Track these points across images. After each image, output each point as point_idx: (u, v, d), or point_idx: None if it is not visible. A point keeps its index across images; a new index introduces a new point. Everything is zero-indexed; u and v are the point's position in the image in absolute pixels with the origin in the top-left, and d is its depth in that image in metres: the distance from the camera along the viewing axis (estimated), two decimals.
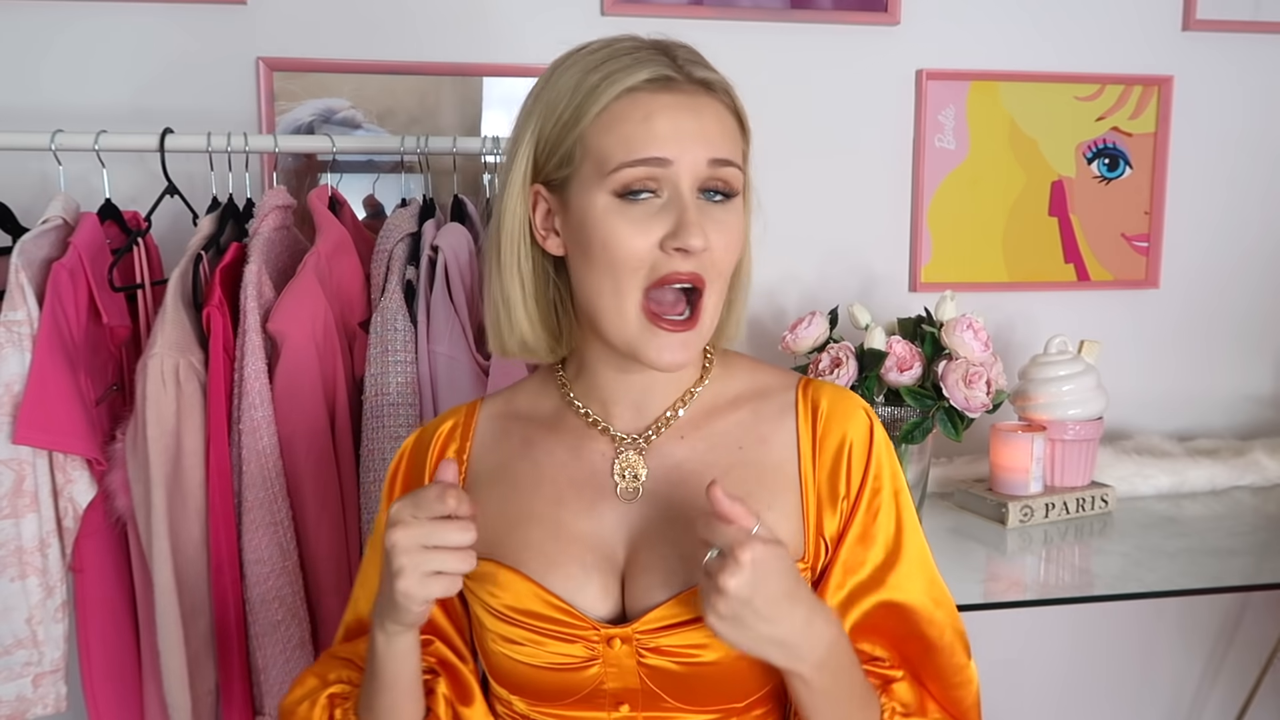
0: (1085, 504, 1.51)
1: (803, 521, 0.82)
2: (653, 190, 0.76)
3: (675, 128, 0.75)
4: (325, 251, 1.30)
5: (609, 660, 0.79)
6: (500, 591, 0.81)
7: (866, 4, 1.66)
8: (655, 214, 0.76)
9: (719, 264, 0.78)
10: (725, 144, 0.78)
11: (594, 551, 0.82)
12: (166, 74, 1.51)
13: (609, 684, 0.80)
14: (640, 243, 0.75)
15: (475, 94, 1.59)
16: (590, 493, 0.84)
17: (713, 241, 0.76)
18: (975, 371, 1.37)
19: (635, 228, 0.75)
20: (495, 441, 0.89)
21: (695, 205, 0.76)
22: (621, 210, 0.76)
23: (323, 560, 1.28)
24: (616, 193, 0.76)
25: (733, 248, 0.79)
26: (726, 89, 0.80)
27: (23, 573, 1.19)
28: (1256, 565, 1.34)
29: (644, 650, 0.78)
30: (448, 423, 0.91)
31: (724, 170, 0.77)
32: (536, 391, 0.91)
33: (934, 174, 1.72)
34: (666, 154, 0.75)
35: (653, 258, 0.76)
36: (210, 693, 1.25)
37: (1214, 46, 1.77)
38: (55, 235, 1.25)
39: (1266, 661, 1.82)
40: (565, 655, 0.80)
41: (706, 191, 0.77)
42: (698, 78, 0.78)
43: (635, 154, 0.75)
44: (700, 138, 0.76)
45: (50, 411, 1.17)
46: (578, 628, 0.79)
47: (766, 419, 0.86)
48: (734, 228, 0.79)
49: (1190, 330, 1.85)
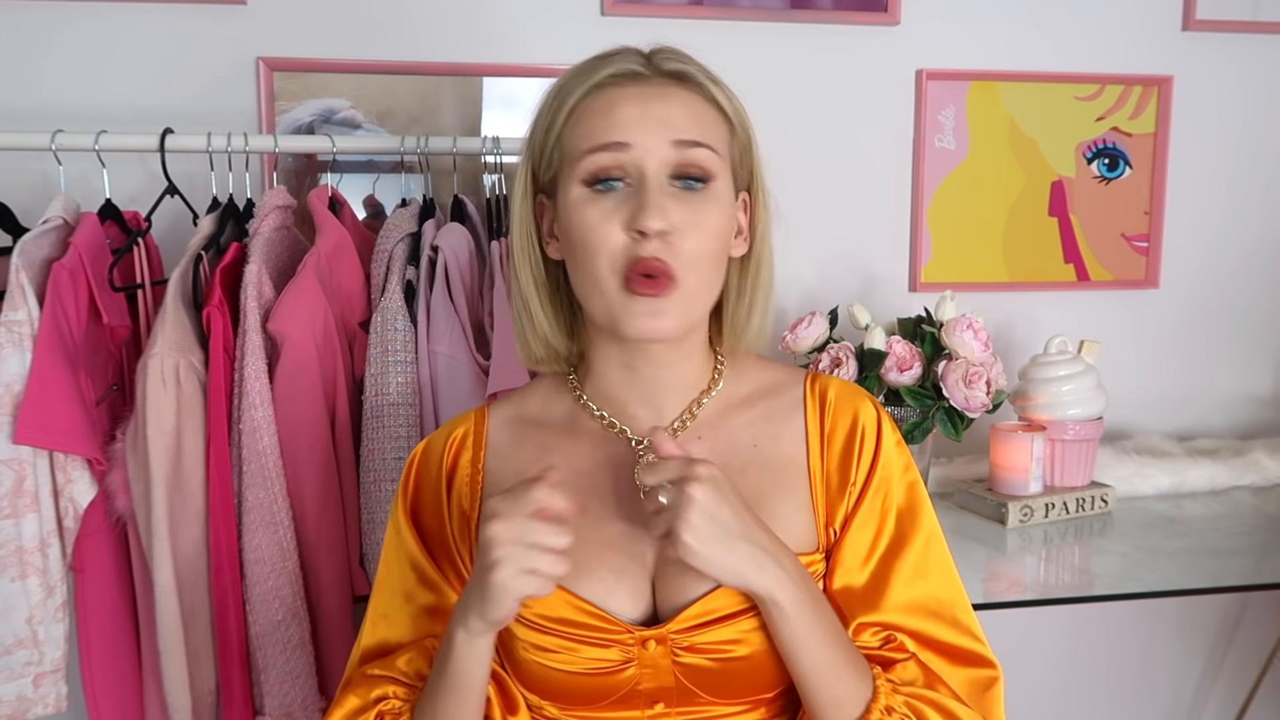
0: (1085, 504, 1.51)
1: (813, 514, 0.83)
2: (620, 178, 0.77)
3: (637, 114, 0.77)
4: (325, 251, 1.30)
5: (644, 662, 0.79)
6: (531, 600, 0.80)
7: (866, 4, 1.66)
8: (622, 201, 0.77)
9: (690, 250, 0.77)
10: (693, 128, 0.78)
11: (623, 555, 0.81)
12: (166, 74, 1.51)
13: (644, 684, 0.80)
14: (608, 229, 0.76)
15: (475, 94, 1.59)
16: (614, 497, 0.84)
17: (679, 225, 0.76)
18: (975, 371, 1.37)
19: (603, 215, 0.77)
20: (510, 449, 0.88)
21: (661, 188, 0.76)
22: (592, 200, 0.77)
23: (323, 560, 1.28)
24: (585, 182, 0.77)
25: (708, 237, 0.78)
26: (703, 81, 0.80)
27: (23, 573, 1.19)
28: (1256, 565, 1.34)
29: (679, 649, 0.79)
30: (458, 430, 0.90)
31: (692, 152, 0.77)
32: (546, 396, 0.91)
33: (934, 174, 1.72)
34: (626, 138, 0.76)
35: (622, 244, 0.76)
36: (210, 693, 1.25)
37: (1214, 46, 1.77)
38: (55, 235, 1.25)
39: (1266, 661, 1.82)
40: (601, 660, 0.80)
41: (681, 179, 0.77)
42: (667, 70, 0.79)
43: (597, 140, 0.77)
44: (663, 122, 0.77)
45: (50, 411, 1.17)
46: (612, 632, 0.79)
47: (778, 416, 0.86)
48: (710, 215, 0.78)
49: (1190, 330, 1.85)
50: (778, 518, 0.82)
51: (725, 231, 0.80)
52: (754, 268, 0.85)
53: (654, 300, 0.76)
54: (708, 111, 0.80)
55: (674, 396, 0.85)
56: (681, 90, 0.79)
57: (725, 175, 0.80)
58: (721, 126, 0.81)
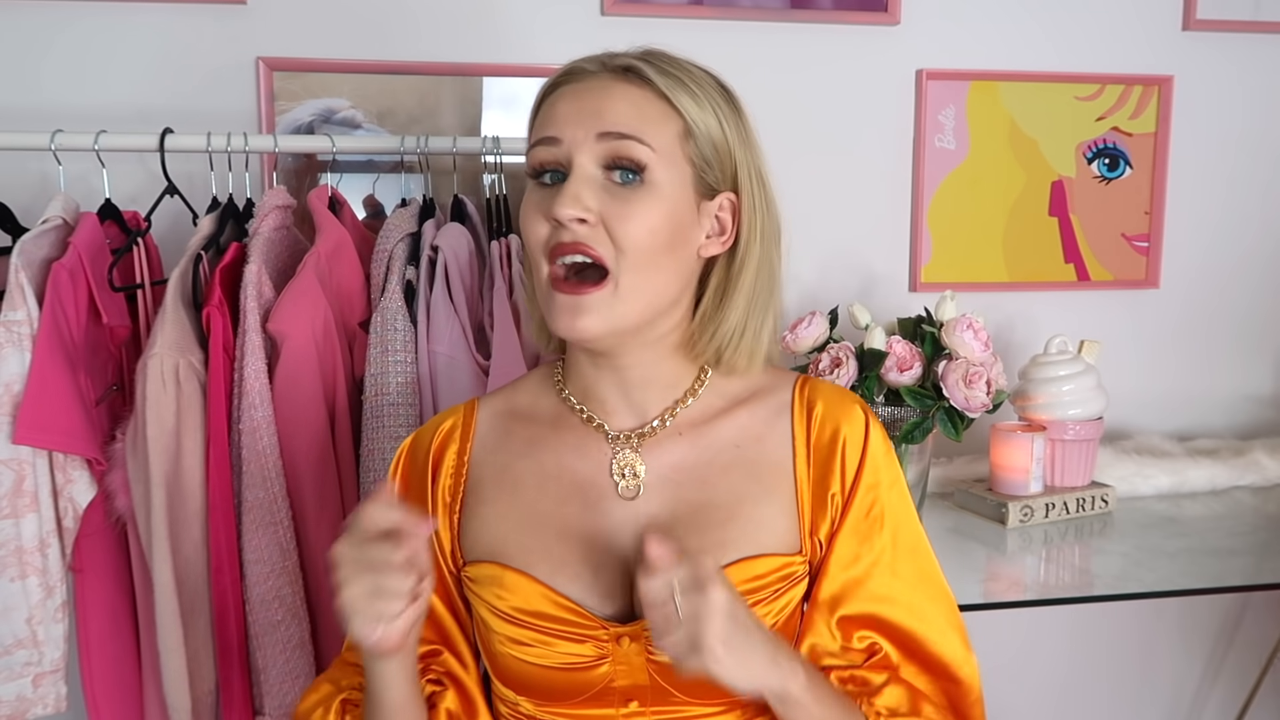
0: (1085, 504, 1.51)
1: (797, 519, 0.83)
2: (555, 171, 0.79)
3: (571, 108, 0.78)
4: (325, 251, 1.30)
5: (619, 658, 0.79)
6: (507, 594, 0.81)
7: (866, 4, 1.66)
8: (554, 193, 0.78)
9: (621, 239, 0.76)
10: (624, 120, 0.77)
11: (600, 551, 0.82)
12: (166, 74, 1.50)
13: (619, 682, 0.80)
14: (538, 218, 0.78)
15: (475, 94, 1.59)
16: (594, 492, 0.84)
17: (608, 215, 0.76)
18: (975, 371, 1.37)
19: (536, 207, 0.79)
20: (498, 442, 0.89)
21: (588, 180, 0.77)
22: (532, 192, 0.80)
23: (323, 560, 1.28)
24: (530, 175, 0.81)
25: (639, 227, 0.76)
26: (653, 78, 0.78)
27: (23, 573, 1.19)
28: (1256, 565, 1.33)
29: (653, 647, 0.78)
30: (446, 422, 0.91)
31: (620, 144, 0.77)
32: (536, 390, 0.91)
33: (934, 174, 1.72)
34: (557, 133, 0.78)
35: (547, 232, 0.78)
36: (210, 693, 1.25)
37: (1214, 46, 1.77)
38: (55, 235, 1.25)
39: (1266, 661, 1.82)
40: (575, 655, 0.80)
41: (614, 169, 0.77)
42: (614, 65, 0.80)
43: (537, 135, 0.80)
44: (593, 115, 0.77)
45: (50, 411, 1.17)
46: (587, 628, 0.79)
47: (763, 418, 0.86)
48: (642, 205, 0.77)
49: (1190, 330, 1.85)
50: (759, 519, 0.82)
51: (667, 227, 0.78)
52: (736, 268, 0.83)
53: (574, 298, 0.77)
54: (653, 107, 0.78)
55: (652, 394, 0.85)
56: (623, 85, 0.79)
57: (665, 169, 0.78)
58: (670, 122, 0.79)
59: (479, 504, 0.86)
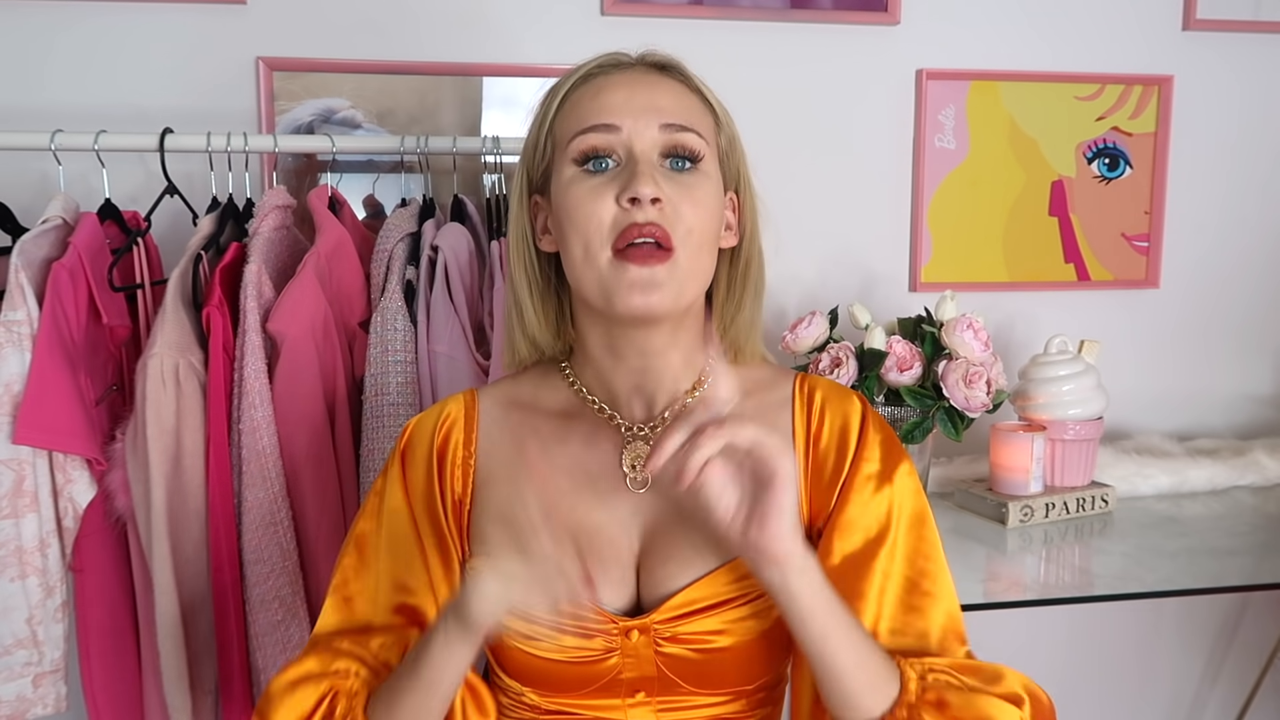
0: (1085, 504, 1.51)
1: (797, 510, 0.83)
2: (608, 157, 0.79)
3: (625, 98, 0.80)
4: (325, 251, 1.30)
5: (627, 651, 0.80)
6: None
7: (866, 4, 1.66)
8: (613, 177, 0.79)
9: (685, 221, 0.78)
10: (680, 113, 0.81)
11: (609, 543, 0.82)
12: (166, 74, 1.51)
13: (626, 674, 0.81)
14: (600, 203, 0.78)
15: (475, 94, 1.59)
16: (603, 485, 0.84)
17: (673, 198, 0.78)
18: (975, 371, 1.37)
19: (594, 192, 0.78)
20: (504, 432, 0.89)
21: (653, 165, 0.79)
22: (583, 179, 0.79)
23: (323, 560, 1.28)
24: (576, 161, 0.80)
25: (701, 212, 0.79)
26: (689, 74, 0.84)
27: (23, 573, 1.19)
28: (1256, 565, 1.33)
29: (661, 640, 0.79)
30: (450, 408, 0.90)
31: (681, 135, 0.80)
32: (537, 383, 0.91)
33: (934, 174, 1.72)
34: (615, 120, 0.79)
35: (613, 216, 0.78)
36: (210, 693, 1.25)
37: (1214, 46, 1.77)
38: (55, 235, 1.25)
39: (1266, 661, 1.82)
40: (584, 649, 0.80)
41: (670, 158, 0.80)
42: (651, 62, 0.83)
43: (587, 122, 0.80)
44: (650, 107, 0.80)
45: (50, 411, 1.17)
46: (596, 622, 0.79)
47: (765, 412, 0.87)
48: (701, 191, 0.80)
49: (1190, 330, 1.85)
50: None
51: (717, 212, 0.82)
52: (743, 263, 0.87)
53: (647, 270, 0.77)
54: (694, 102, 0.83)
55: (663, 388, 0.86)
56: (667, 80, 0.83)
57: (713, 161, 0.83)
58: (707, 117, 0.84)
59: (489, 497, 0.86)
